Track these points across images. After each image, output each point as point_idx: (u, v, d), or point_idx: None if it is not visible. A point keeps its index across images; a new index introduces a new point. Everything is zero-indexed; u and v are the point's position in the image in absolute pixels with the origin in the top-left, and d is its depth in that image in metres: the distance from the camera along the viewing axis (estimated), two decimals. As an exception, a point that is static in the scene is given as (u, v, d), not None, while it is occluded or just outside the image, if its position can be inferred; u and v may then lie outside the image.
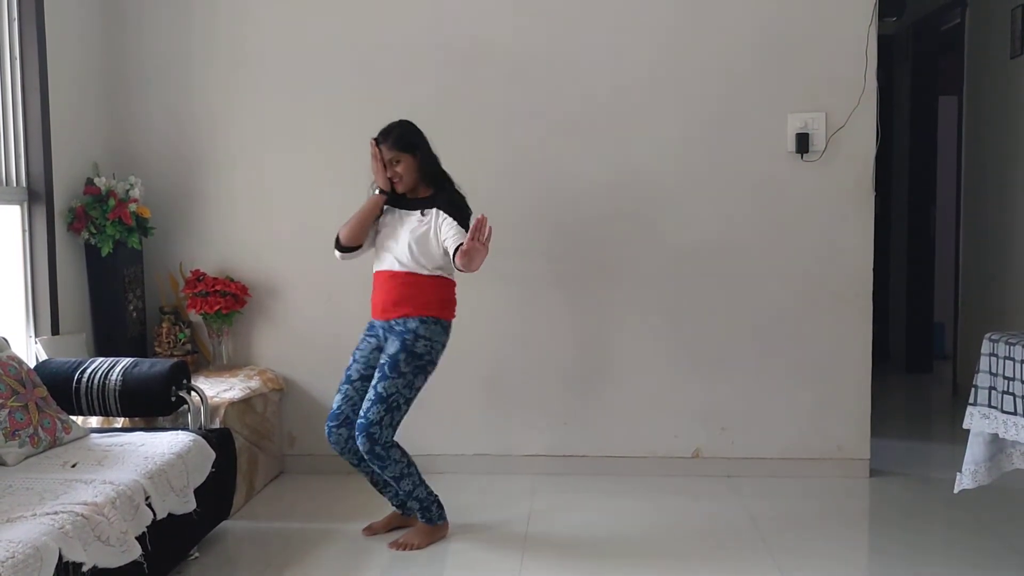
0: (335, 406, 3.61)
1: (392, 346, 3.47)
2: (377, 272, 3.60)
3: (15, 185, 3.93)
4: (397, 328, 3.48)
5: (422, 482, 3.56)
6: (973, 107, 5.93)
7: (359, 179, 4.43)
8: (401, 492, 3.55)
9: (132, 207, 4.21)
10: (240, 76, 4.46)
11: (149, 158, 4.50)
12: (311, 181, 4.46)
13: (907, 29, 6.67)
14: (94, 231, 4.13)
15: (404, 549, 3.52)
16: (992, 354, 2.93)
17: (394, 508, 3.73)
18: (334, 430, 3.59)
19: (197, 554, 3.42)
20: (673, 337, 4.39)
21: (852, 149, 4.24)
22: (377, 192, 3.59)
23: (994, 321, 5.22)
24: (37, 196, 3.97)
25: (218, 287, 4.35)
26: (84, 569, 2.48)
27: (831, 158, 4.25)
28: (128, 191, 4.23)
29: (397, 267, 3.51)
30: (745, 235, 4.33)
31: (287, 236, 4.49)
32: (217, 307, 4.31)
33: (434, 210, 3.50)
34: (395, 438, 3.50)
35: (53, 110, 4.00)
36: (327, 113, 4.43)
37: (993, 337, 2.95)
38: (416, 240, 3.48)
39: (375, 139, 3.56)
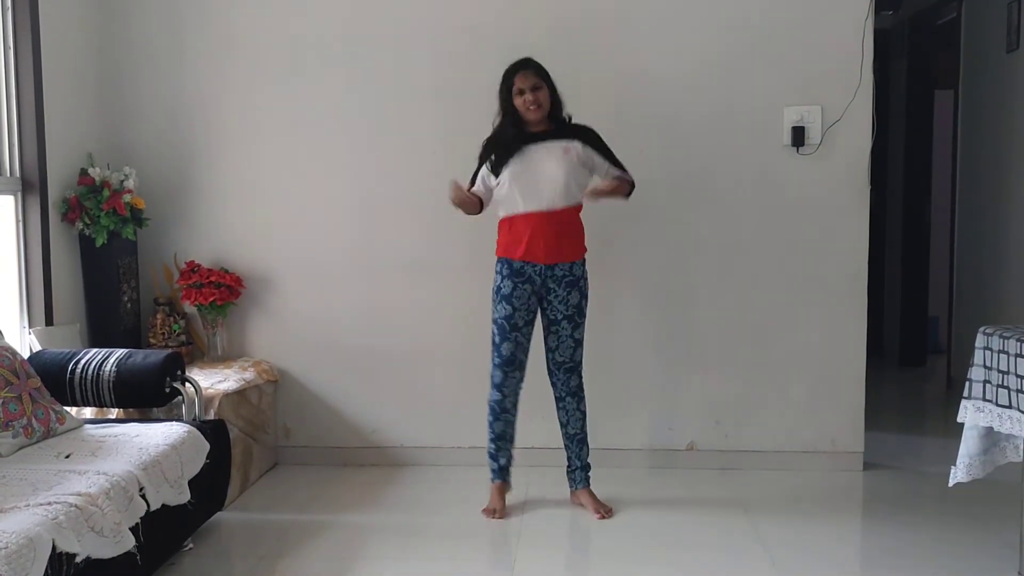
0: (507, 352, 3.69)
1: (571, 296, 3.68)
2: (526, 214, 3.60)
3: (9, 175, 3.91)
4: (567, 278, 3.66)
5: None
6: (969, 101, 5.93)
7: (354, 169, 4.45)
8: (582, 433, 3.83)
9: (126, 198, 4.20)
10: (234, 67, 4.45)
11: (143, 149, 4.49)
12: (306, 172, 4.45)
13: (903, 23, 6.67)
14: (88, 222, 4.12)
15: (607, 516, 3.75)
16: (986, 348, 2.94)
17: (499, 480, 3.83)
18: (510, 374, 3.71)
19: (191, 545, 3.43)
20: (667, 330, 4.39)
21: (848, 143, 4.24)
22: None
23: (989, 315, 5.23)
24: (31, 186, 3.96)
25: (213, 278, 4.34)
26: (77, 560, 2.48)
27: (827, 151, 4.24)
28: (122, 182, 4.22)
29: (558, 204, 3.59)
30: (740, 228, 4.32)
31: (282, 227, 4.48)
32: (212, 298, 4.31)
33: (575, 142, 3.63)
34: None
35: (47, 100, 3.99)
36: (321, 104, 4.42)
37: (987, 331, 2.95)
38: (573, 173, 3.61)
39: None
